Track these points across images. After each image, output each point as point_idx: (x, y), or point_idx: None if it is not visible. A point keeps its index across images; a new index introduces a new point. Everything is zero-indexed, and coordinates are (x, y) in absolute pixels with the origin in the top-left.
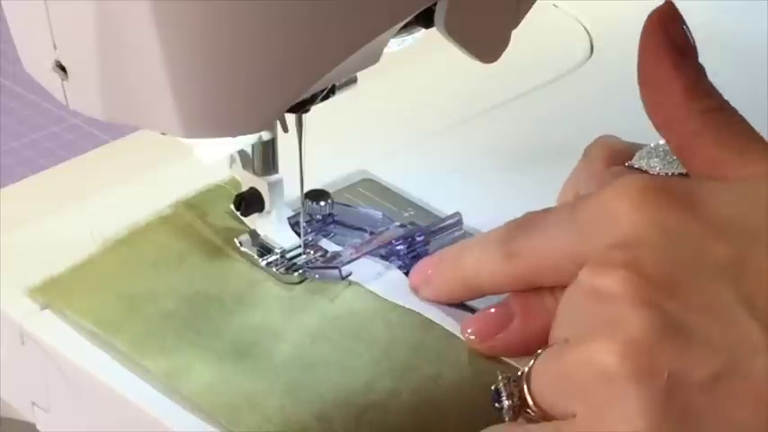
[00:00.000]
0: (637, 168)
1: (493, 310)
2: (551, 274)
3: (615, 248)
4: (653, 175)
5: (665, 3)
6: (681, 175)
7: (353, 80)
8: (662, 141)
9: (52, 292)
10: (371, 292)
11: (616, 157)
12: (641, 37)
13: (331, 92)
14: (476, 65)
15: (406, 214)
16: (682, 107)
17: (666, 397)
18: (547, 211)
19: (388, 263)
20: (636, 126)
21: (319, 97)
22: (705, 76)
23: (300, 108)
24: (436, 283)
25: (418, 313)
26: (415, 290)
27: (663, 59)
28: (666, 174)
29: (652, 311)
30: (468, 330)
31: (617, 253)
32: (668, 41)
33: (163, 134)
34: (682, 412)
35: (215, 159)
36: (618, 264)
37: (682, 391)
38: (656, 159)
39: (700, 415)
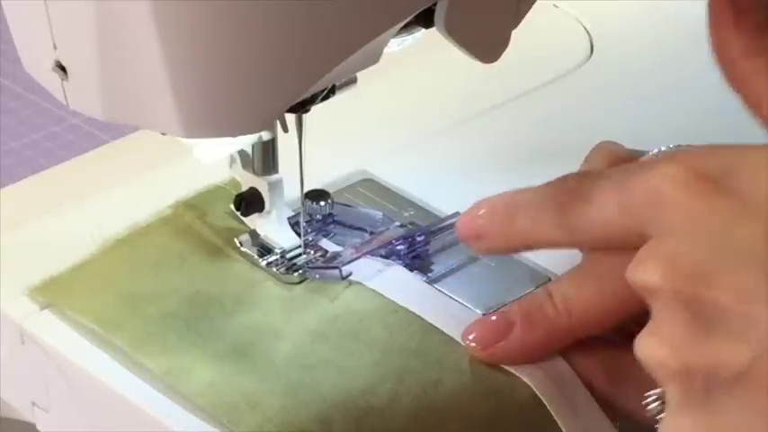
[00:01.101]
0: None
1: (494, 317)
2: (609, 245)
3: (657, 240)
4: (693, 152)
5: None
6: None
7: (353, 80)
8: (663, 147)
9: (52, 292)
10: (372, 291)
11: (618, 164)
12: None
13: (331, 92)
14: (476, 65)
15: (406, 214)
16: (744, 65)
17: (703, 396)
18: (592, 180)
19: (389, 261)
20: (636, 126)
21: (319, 97)
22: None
23: (300, 108)
24: (490, 241)
25: (419, 316)
26: (466, 242)
27: (723, 21)
28: None
29: (687, 308)
30: (470, 337)
31: (658, 245)
32: (727, 2)
33: (163, 134)
34: (718, 404)
35: (215, 159)
36: (659, 256)
37: (718, 386)
38: None
39: (736, 403)
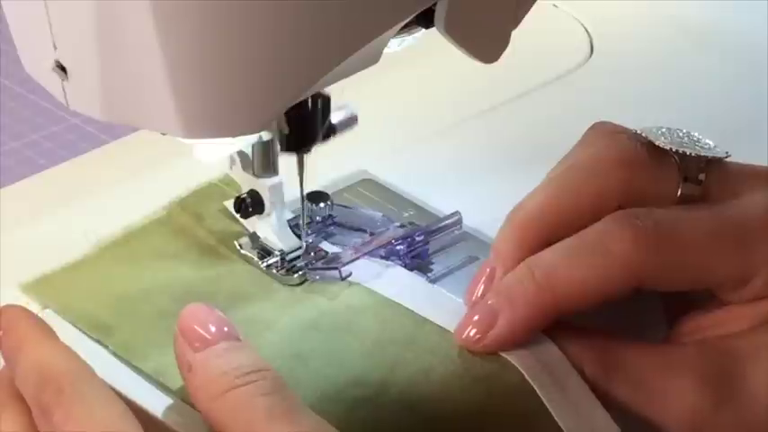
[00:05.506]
0: (644, 137)
1: (477, 311)
2: None
3: None
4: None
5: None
6: (681, 156)
7: (354, 120)
8: (664, 129)
9: (45, 290)
10: (372, 291)
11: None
12: None
13: (332, 131)
14: (476, 65)
15: (406, 214)
16: None
17: None
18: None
19: (388, 262)
20: (635, 126)
21: (320, 136)
22: None
23: (302, 147)
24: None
25: (411, 310)
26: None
27: None
28: (671, 149)
29: None
30: (462, 336)
31: None
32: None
33: (163, 134)
34: None
35: (215, 159)
36: None
37: None
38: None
39: None
